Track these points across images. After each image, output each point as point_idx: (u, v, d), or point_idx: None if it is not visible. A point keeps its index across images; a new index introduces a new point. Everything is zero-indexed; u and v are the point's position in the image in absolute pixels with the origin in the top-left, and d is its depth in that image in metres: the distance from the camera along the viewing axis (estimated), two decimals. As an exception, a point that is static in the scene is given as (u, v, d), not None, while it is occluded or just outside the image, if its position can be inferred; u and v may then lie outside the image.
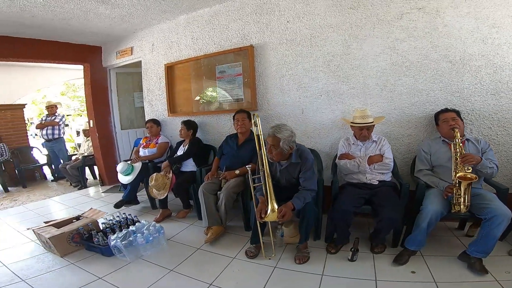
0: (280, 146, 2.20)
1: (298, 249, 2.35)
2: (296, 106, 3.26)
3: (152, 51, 4.25)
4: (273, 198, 2.11)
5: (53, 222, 2.88)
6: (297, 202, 2.14)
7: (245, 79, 3.54)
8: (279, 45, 3.26)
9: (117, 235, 2.54)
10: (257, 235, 2.34)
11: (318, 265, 2.24)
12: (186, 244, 2.74)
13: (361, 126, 2.56)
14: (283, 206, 2.10)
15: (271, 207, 2.08)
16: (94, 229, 2.76)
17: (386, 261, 2.23)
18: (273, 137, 2.22)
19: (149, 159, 3.88)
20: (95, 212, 3.05)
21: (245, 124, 3.14)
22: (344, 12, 2.84)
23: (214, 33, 3.71)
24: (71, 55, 4.52)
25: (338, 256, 2.37)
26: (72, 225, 2.76)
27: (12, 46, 3.95)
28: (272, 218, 2.10)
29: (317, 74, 3.08)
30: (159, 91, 4.24)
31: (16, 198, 4.71)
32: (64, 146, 5.76)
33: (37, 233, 2.67)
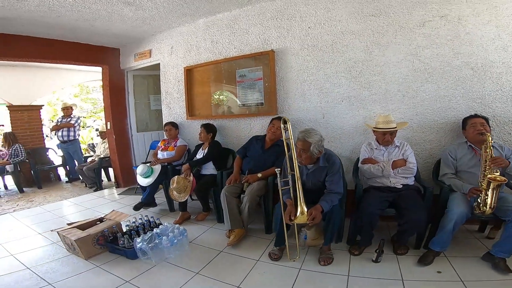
0: (310, 150, 2.22)
1: (322, 251, 2.36)
2: (317, 111, 3.27)
3: (171, 54, 4.25)
4: (302, 201, 2.12)
5: (77, 224, 2.87)
6: (325, 204, 2.17)
7: (266, 83, 3.54)
8: (300, 51, 3.27)
9: (143, 238, 2.53)
10: (282, 238, 2.36)
11: (342, 266, 2.26)
12: (208, 246, 2.74)
13: (384, 131, 2.57)
14: (313, 208, 2.12)
15: (301, 210, 2.10)
16: (119, 231, 2.74)
17: (410, 262, 2.25)
18: (303, 141, 2.24)
19: (168, 161, 3.88)
20: (118, 214, 3.03)
21: (277, 133, 3.10)
22: (366, 19, 2.86)
23: (234, 37, 3.71)
24: (90, 56, 4.54)
25: (362, 257, 2.38)
26: (97, 227, 2.74)
27: (34, 46, 3.97)
28: (301, 221, 2.12)
29: (339, 79, 3.09)
30: (178, 94, 4.23)
31: (32, 199, 4.71)
32: (79, 148, 5.77)
33: (61, 235, 2.65)
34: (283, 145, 3.05)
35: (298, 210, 2.11)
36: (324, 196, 2.25)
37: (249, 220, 2.87)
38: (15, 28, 3.65)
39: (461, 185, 2.31)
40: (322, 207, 2.16)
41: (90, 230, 2.66)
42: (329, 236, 2.31)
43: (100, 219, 2.99)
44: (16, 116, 5.54)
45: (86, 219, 3.02)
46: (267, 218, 2.94)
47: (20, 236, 3.16)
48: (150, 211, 3.78)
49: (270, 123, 3.19)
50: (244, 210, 2.80)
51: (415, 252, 2.37)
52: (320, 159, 2.33)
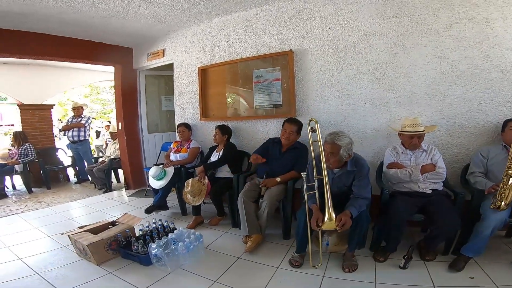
0: (339, 154, 2.14)
1: (346, 258, 2.26)
2: (338, 114, 3.15)
3: (185, 54, 4.16)
4: (331, 206, 2.04)
5: (88, 227, 2.74)
6: (354, 210, 2.07)
7: (284, 84, 3.42)
8: (321, 51, 3.17)
9: (158, 244, 2.41)
10: (304, 244, 2.29)
11: (368, 273, 2.16)
12: (224, 253, 2.63)
13: (412, 134, 2.47)
14: (342, 214, 2.03)
15: (329, 216, 2.02)
16: (132, 236, 2.62)
17: (440, 268, 2.17)
18: (332, 144, 2.15)
19: (180, 164, 3.75)
20: (131, 217, 2.90)
21: (291, 138, 2.99)
22: (390, 21, 2.78)
23: (251, 37, 3.61)
24: (103, 55, 4.46)
25: (387, 264, 2.28)
26: (109, 231, 2.62)
27: (47, 43, 3.90)
28: (329, 227, 2.04)
29: (361, 81, 2.99)
30: (191, 94, 4.13)
31: (41, 199, 4.61)
32: (89, 148, 5.69)
33: (73, 239, 2.53)
34: (301, 147, 3.04)
35: (325, 216, 2.03)
36: (352, 201, 2.15)
37: (267, 226, 2.75)
38: (28, 25, 3.59)
39: (484, 183, 2.26)
40: (351, 213, 2.05)
41: (103, 234, 2.54)
42: (355, 242, 2.22)
43: (112, 222, 2.87)
44: (26, 115, 5.48)
45: (97, 222, 2.90)
46: (285, 224, 2.85)
47: (29, 238, 3.05)
48: (162, 214, 3.66)
49: (282, 128, 3.05)
50: (262, 216, 2.70)
51: (443, 258, 2.29)
52: (348, 163, 2.23)
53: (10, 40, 3.65)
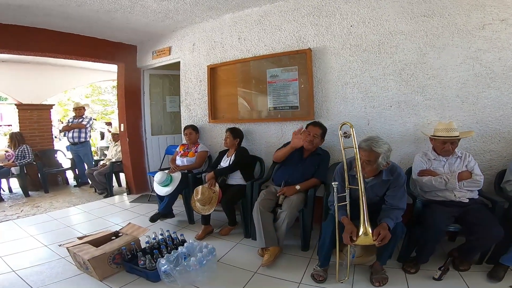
0: (377, 162, 1.95)
1: (374, 270, 2.11)
2: (361, 117, 2.95)
3: (192, 51, 3.93)
4: (367, 220, 1.86)
5: (88, 238, 2.50)
6: (391, 222, 1.91)
7: (301, 85, 3.19)
8: (342, 50, 2.97)
9: (168, 259, 2.17)
10: (328, 258, 2.14)
11: (400, 286, 2.04)
12: (239, 266, 2.41)
13: (445, 140, 2.31)
14: (380, 228, 1.86)
15: (364, 230, 1.85)
16: (138, 249, 2.37)
17: (477, 278, 2.08)
18: (369, 151, 1.95)
19: (188, 169, 3.51)
20: (135, 228, 2.66)
21: (315, 142, 2.77)
22: (417, 20, 2.63)
23: (265, 34, 3.40)
24: (107, 53, 4.24)
25: (419, 276, 2.15)
26: (112, 243, 2.37)
27: (49, 39, 3.69)
28: (365, 242, 1.87)
29: (387, 83, 2.81)
30: (199, 94, 3.89)
31: (38, 204, 4.35)
32: (90, 150, 5.44)
33: (72, 252, 2.28)
34: (324, 154, 2.83)
35: (361, 230, 1.86)
36: (387, 212, 1.99)
37: (284, 237, 2.54)
38: (29, 19, 3.37)
39: None
40: (388, 225, 1.89)
41: (105, 247, 2.29)
42: (387, 255, 2.07)
43: (115, 233, 2.62)
44: (25, 115, 5.22)
45: (98, 232, 2.65)
46: (304, 235, 2.65)
47: (24, 248, 2.80)
48: (168, 222, 3.42)
49: (306, 130, 2.83)
50: (281, 227, 2.49)
51: (477, 268, 2.19)
52: (384, 172, 2.04)
53: (10, 35, 3.43)
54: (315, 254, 2.50)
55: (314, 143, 2.75)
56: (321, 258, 2.16)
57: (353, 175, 2.07)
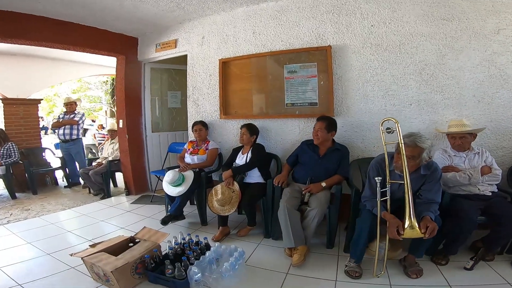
0: (420, 157, 1.95)
1: (409, 263, 2.11)
2: (381, 114, 2.87)
3: (201, 45, 3.69)
4: (412, 214, 1.83)
5: (102, 245, 2.21)
6: (431, 215, 1.91)
7: (321, 81, 3.08)
8: (362, 49, 2.94)
9: (199, 265, 1.98)
10: (363, 254, 2.12)
11: (436, 277, 2.05)
12: (267, 268, 2.27)
13: (455, 135, 2.44)
14: (427, 221, 1.84)
15: (410, 224, 1.83)
16: (160, 255, 2.13)
17: (504, 267, 2.13)
18: (414, 147, 1.93)
19: (199, 167, 3.28)
20: (153, 232, 2.40)
21: (320, 135, 2.69)
22: (437, 23, 2.67)
23: (282, 29, 3.26)
24: (107, 44, 3.90)
25: (449, 267, 2.17)
26: (132, 251, 2.11)
27: (48, 28, 3.33)
28: (412, 235, 1.85)
29: (407, 82, 2.81)
30: (208, 89, 3.65)
31: (28, 207, 3.92)
32: (82, 149, 5.00)
33: (88, 263, 2.00)
34: (343, 149, 2.76)
35: (406, 223, 1.84)
36: (425, 206, 1.97)
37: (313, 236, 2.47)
38: (30, 6, 3.02)
39: None
40: (431, 218, 1.89)
41: (126, 256, 2.03)
42: (424, 248, 2.08)
43: (131, 239, 2.35)
44: (10, 110, 4.69)
45: (111, 239, 2.37)
46: (330, 232, 2.59)
47: (24, 257, 2.47)
48: (178, 225, 3.17)
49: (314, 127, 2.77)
50: (310, 225, 2.41)
51: (499, 258, 2.24)
52: (422, 167, 2.03)
53: (5, 23, 3.06)
54: (341, 251, 2.51)
55: (320, 137, 2.68)
56: (355, 254, 2.12)
57: (389, 170, 2.03)
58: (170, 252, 2.17)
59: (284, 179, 2.75)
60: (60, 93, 8.15)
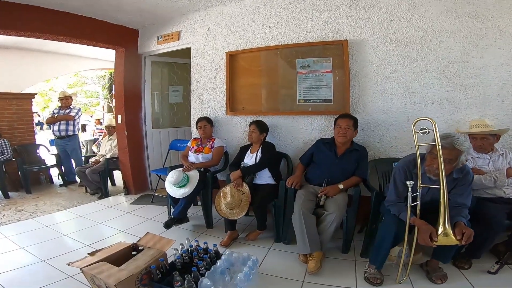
0: (458, 160, 1.82)
1: (432, 269, 2.03)
2: (401, 113, 2.75)
3: (207, 37, 3.46)
4: (447, 220, 1.72)
5: (102, 253, 2.00)
6: (464, 221, 1.81)
7: (336, 77, 2.89)
8: (381, 44, 2.76)
9: (211, 277, 1.77)
10: (385, 259, 2.00)
11: (461, 282, 1.98)
12: (282, 276, 2.13)
13: (475, 136, 2.33)
14: (462, 227, 1.73)
15: (444, 230, 1.72)
16: (166, 265, 1.92)
17: None
18: (451, 149, 1.79)
19: (204, 166, 3.07)
20: (157, 239, 2.19)
21: (348, 134, 2.51)
22: (461, 20, 2.54)
23: (294, 21, 3.05)
24: (106, 36, 3.66)
25: (473, 271, 2.09)
26: (136, 260, 1.90)
27: (42, 18, 3.09)
28: (447, 242, 1.74)
29: (429, 79, 2.66)
30: (214, 84, 3.44)
31: (21, 207, 3.68)
32: (78, 145, 4.73)
33: (88, 274, 1.78)
34: (361, 149, 2.58)
35: (440, 230, 1.73)
36: (457, 210, 1.86)
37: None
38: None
39: None
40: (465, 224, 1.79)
41: (130, 266, 1.82)
42: (452, 254, 1.99)
43: (134, 246, 2.13)
44: (3, 105, 4.38)
45: (111, 246, 2.14)
46: (347, 237, 2.45)
47: (17, 263, 2.27)
48: (182, 228, 2.97)
49: (336, 124, 2.58)
50: (328, 230, 2.26)
51: None
52: (455, 171, 1.90)
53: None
54: (357, 255, 2.39)
55: (348, 136, 2.50)
56: (376, 260, 2.01)
57: (416, 174, 1.91)
58: (178, 261, 1.97)
59: (298, 181, 2.57)
60: (55, 88, 7.80)
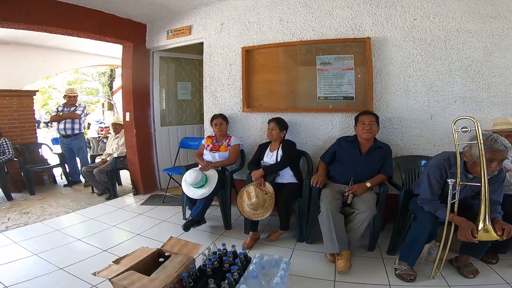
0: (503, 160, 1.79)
1: (462, 264, 2.05)
2: (424, 111, 2.72)
3: (220, 31, 3.31)
4: (488, 217, 1.73)
5: (127, 261, 1.86)
6: (499, 217, 1.83)
7: (358, 75, 2.82)
8: (404, 42, 2.72)
9: (247, 282, 1.68)
10: (417, 256, 2.01)
11: (491, 276, 2.00)
12: (311, 277, 2.07)
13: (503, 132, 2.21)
14: (501, 223, 1.75)
15: (483, 226, 1.73)
16: (197, 272, 1.80)
17: None
18: (504, 151, 1.75)
19: (222, 165, 2.94)
20: (182, 243, 2.07)
21: (373, 130, 2.43)
22: (484, 20, 2.54)
23: (312, 18, 2.95)
24: (114, 30, 3.47)
25: (500, 265, 2.12)
26: (166, 268, 1.77)
27: (48, 10, 2.90)
28: (488, 238, 1.76)
29: (453, 78, 2.63)
30: (228, 80, 3.30)
31: (27, 210, 3.49)
32: (84, 144, 4.52)
33: (119, 285, 1.64)
34: (385, 147, 2.51)
35: (480, 226, 1.74)
36: (492, 207, 1.84)
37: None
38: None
39: None
40: None
41: (162, 275, 1.69)
42: (485, 249, 1.99)
43: (159, 252, 2.00)
44: (3, 103, 4.13)
45: (134, 252, 1.99)
46: (374, 235, 2.40)
47: (32, 271, 2.10)
48: (200, 230, 2.85)
49: (359, 122, 2.49)
50: (358, 229, 2.20)
51: None
52: None
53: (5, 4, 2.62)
54: (383, 253, 2.36)
55: (372, 132, 2.43)
56: (409, 258, 2.01)
57: (452, 172, 1.91)
58: (208, 267, 1.85)
59: (323, 179, 2.49)
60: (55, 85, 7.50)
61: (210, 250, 2.01)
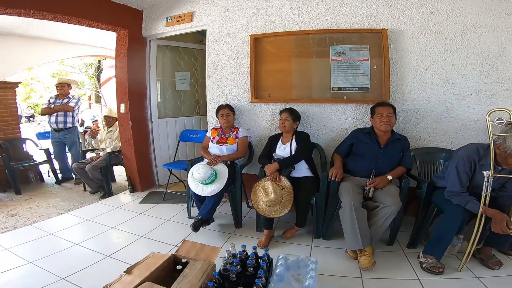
0: None
1: (486, 256, 2.03)
2: (440, 103, 2.65)
3: (225, 18, 3.07)
4: None
5: (141, 271, 1.63)
6: None
7: (374, 65, 2.70)
8: (421, 35, 2.64)
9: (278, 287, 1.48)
10: (445, 249, 1.98)
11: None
12: (337, 274, 1.98)
13: None
14: None
15: None
16: (220, 278, 1.61)
17: None
18: None
19: (231, 159, 2.74)
20: (198, 247, 1.85)
21: (391, 121, 2.31)
22: (499, 16, 2.52)
23: (325, 6, 2.80)
24: (109, 16, 3.13)
25: None
26: (186, 278, 1.55)
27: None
28: None
29: (469, 71, 2.59)
30: (234, 69, 3.08)
31: (14, 211, 3.14)
32: (78, 138, 4.14)
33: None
34: (404, 139, 2.41)
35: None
36: None
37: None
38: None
39: None
40: None
41: (183, 286, 1.47)
42: (510, 240, 1.99)
43: (174, 258, 1.77)
44: None
45: (146, 258, 1.75)
46: (394, 229, 2.31)
47: (30, 284, 1.84)
48: (209, 229, 2.66)
49: (376, 113, 2.35)
50: (383, 224, 2.09)
51: None
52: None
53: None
54: (405, 247, 2.31)
55: (391, 123, 2.31)
56: (436, 251, 1.97)
57: (481, 164, 1.90)
58: (232, 273, 1.64)
59: (341, 172, 2.35)
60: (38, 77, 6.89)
61: (229, 252, 1.81)
